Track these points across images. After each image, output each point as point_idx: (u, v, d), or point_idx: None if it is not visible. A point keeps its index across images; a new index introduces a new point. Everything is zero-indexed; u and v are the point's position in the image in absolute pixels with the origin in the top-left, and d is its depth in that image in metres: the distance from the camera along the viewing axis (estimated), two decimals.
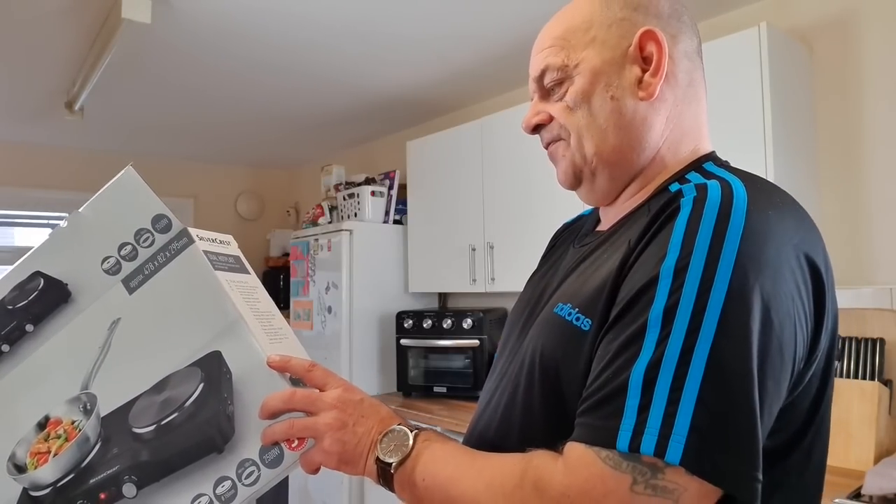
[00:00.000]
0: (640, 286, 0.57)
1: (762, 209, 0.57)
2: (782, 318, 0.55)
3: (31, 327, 0.73)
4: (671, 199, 0.60)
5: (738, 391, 0.52)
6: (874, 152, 1.89)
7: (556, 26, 0.74)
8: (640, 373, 0.53)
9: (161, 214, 0.74)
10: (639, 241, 0.61)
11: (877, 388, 1.66)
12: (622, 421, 0.52)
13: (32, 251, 0.76)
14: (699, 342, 0.52)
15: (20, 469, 0.70)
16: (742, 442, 0.51)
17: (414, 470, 0.64)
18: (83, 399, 0.71)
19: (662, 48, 0.69)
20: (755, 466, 0.51)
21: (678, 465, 0.50)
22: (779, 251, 0.56)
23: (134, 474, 0.68)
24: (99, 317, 0.73)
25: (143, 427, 0.68)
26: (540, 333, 0.69)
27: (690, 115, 0.73)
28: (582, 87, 0.70)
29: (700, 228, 0.55)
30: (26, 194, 3.94)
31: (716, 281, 0.53)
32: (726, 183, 0.59)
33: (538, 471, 0.56)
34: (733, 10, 2.20)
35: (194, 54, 2.51)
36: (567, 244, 0.85)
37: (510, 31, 2.36)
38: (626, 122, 0.69)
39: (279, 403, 0.66)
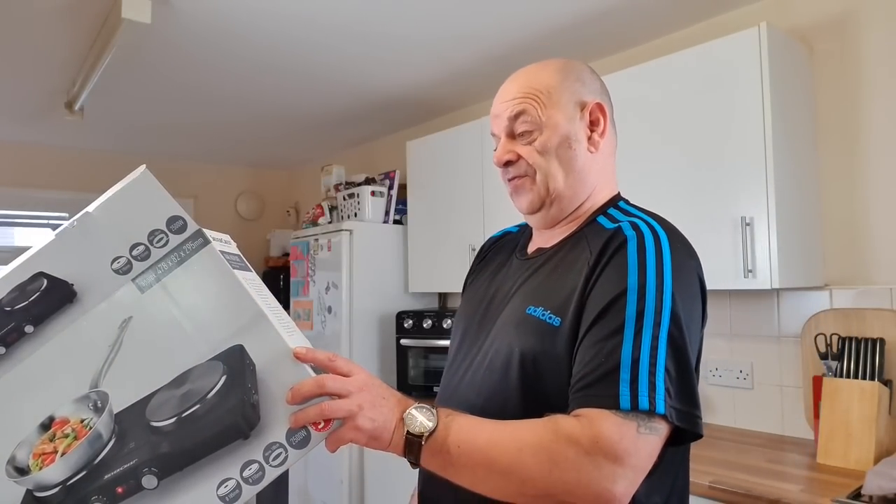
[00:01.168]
0: (612, 296, 0.81)
1: (675, 244, 0.85)
2: (695, 314, 0.84)
3: (30, 328, 0.73)
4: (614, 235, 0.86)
5: (685, 362, 0.79)
6: (874, 152, 1.89)
7: (523, 84, 0.96)
8: (628, 355, 0.77)
9: (177, 216, 0.75)
10: (596, 264, 0.85)
11: (877, 388, 1.66)
12: (619, 389, 0.75)
13: (35, 251, 0.75)
14: (661, 332, 0.78)
15: (22, 471, 0.69)
16: (692, 396, 0.79)
17: (447, 439, 0.75)
18: (93, 397, 0.71)
19: (607, 116, 0.97)
20: (699, 409, 0.79)
21: (663, 414, 0.75)
22: (690, 272, 0.85)
23: (154, 466, 0.68)
24: (108, 316, 0.73)
25: (162, 420, 0.69)
26: (516, 331, 0.89)
27: (611, 165, 1.00)
28: (549, 138, 0.93)
29: (647, 257, 0.82)
30: (26, 194, 3.94)
31: (664, 292, 0.80)
32: (650, 225, 0.86)
33: (566, 427, 0.75)
34: (733, 10, 2.20)
35: (194, 54, 2.51)
36: (505, 254, 1.08)
37: (510, 32, 2.36)
38: (579, 167, 0.95)
39: (313, 387, 0.72)
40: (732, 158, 1.86)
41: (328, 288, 3.19)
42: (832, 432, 1.70)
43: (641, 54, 2.45)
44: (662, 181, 1.99)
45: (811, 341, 1.88)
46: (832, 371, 1.78)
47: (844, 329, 1.83)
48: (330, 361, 0.76)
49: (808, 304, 1.98)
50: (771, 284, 1.77)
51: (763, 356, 2.10)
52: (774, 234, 1.77)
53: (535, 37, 2.40)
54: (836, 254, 1.96)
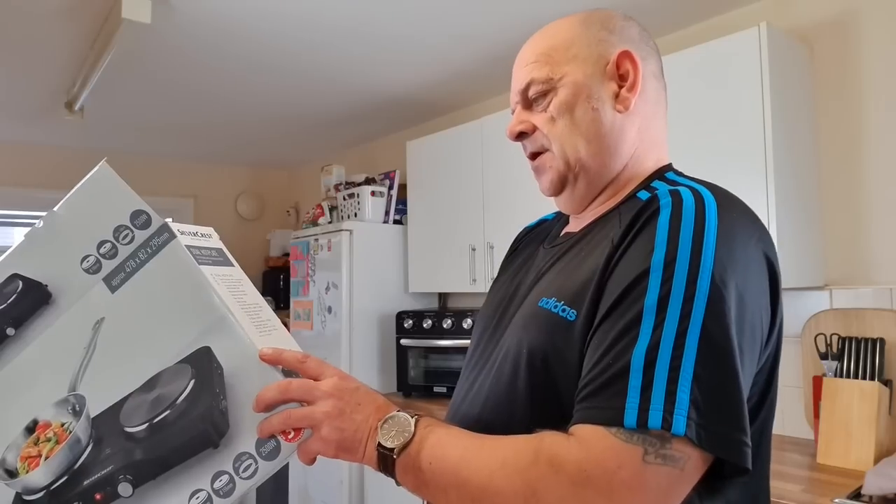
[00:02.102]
0: (633, 277, 0.63)
1: (728, 211, 0.65)
2: (753, 304, 0.63)
3: (12, 331, 0.72)
4: (648, 203, 0.67)
5: (726, 368, 0.59)
6: (874, 152, 1.89)
7: (538, 43, 0.80)
8: (641, 355, 0.59)
9: (140, 210, 0.72)
10: (622, 239, 0.67)
11: (877, 388, 1.66)
12: (627, 400, 0.58)
13: (8, 253, 0.74)
14: (691, 326, 0.59)
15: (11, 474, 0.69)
16: (733, 413, 0.58)
17: (419, 454, 0.65)
18: (71, 401, 0.70)
19: (638, 66, 0.77)
20: (745, 432, 0.58)
21: (683, 436, 0.56)
22: (745, 249, 0.64)
23: (129, 473, 0.67)
24: (82, 317, 0.71)
25: (135, 426, 0.68)
26: (526, 327, 0.73)
27: (656, 129, 0.81)
28: (565, 98, 0.77)
29: (682, 228, 0.63)
30: (26, 194, 3.94)
31: (700, 273, 0.60)
32: (695, 190, 0.67)
33: (552, 448, 0.60)
34: (733, 10, 2.20)
35: (194, 54, 2.51)
36: (534, 246, 0.91)
37: (510, 32, 2.36)
38: (605, 131, 0.77)
39: (275, 394, 0.66)
40: (732, 158, 1.86)
41: (328, 288, 3.19)
42: (832, 432, 1.70)
43: None
44: None
45: (811, 341, 1.88)
46: (832, 371, 1.78)
47: (844, 329, 1.83)
48: (299, 363, 0.69)
49: (808, 304, 1.98)
50: None
51: None
52: (774, 234, 1.77)
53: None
54: (836, 254, 1.96)
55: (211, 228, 0.81)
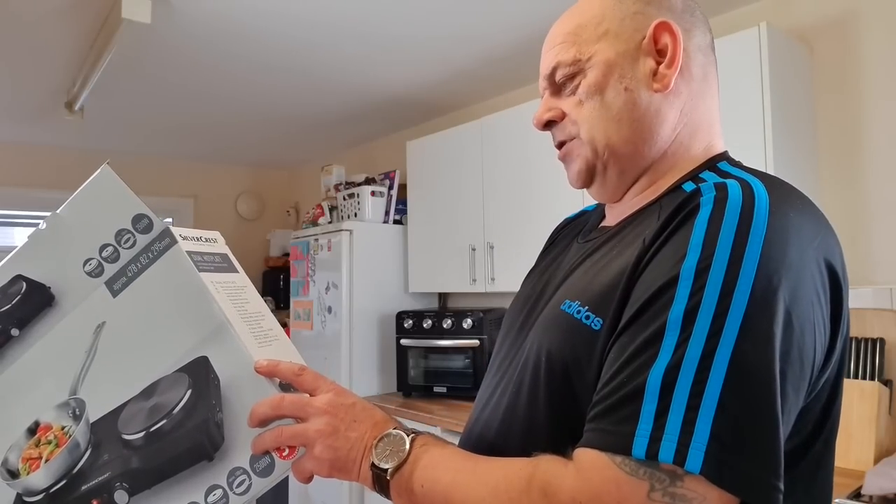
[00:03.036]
0: (658, 286, 0.55)
1: (783, 211, 0.56)
2: (803, 323, 0.54)
3: (16, 332, 0.72)
4: (689, 198, 0.59)
5: (760, 397, 0.50)
6: (874, 152, 1.89)
7: (566, 23, 0.72)
8: (658, 376, 0.51)
9: (141, 214, 0.71)
10: (654, 239, 0.59)
11: (877, 388, 1.66)
12: (638, 426, 0.51)
13: (12, 254, 0.74)
14: (721, 346, 0.50)
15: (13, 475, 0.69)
16: (764, 450, 0.49)
17: (412, 475, 0.61)
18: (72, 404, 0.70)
19: (677, 40, 0.67)
20: (777, 476, 0.49)
21: (698, 474, 0.48)
22: (801, 255, 0.54)
23: (125, 481, 0.67)
24: (84, 320, 0.71)
25: (132, 434, 0.67)
26: (546, 332, 0.67)
27: (704, 110, 0.71)
28: (595, 79, 0.68)
29: (722, 229, 0.54)
30: (26, 194, 3.94)
31: (739, 283, 0.52)
32: (746, 183, 0.58)
33: (546, 475, 0.54)
34: (733, 10, 2.20)
35: (194, 54, 2.51)
36: (569, 239, 0.83)
37: (510, 32, 2.36)
38: (640, 113, 0.68)
39: (268, 410, 0.64)
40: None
41: (328, 288, 3.19)
42: None
43: None
44: None
45: None
46: None
47: None
48: (296, 376, 0.66)
49: None
50: None
51: None
52: None
53: (535, 37, 2.40)
54: None
55: (217, 233, 0.80)
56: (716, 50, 0.74)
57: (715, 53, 0.74)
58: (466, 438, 0.76)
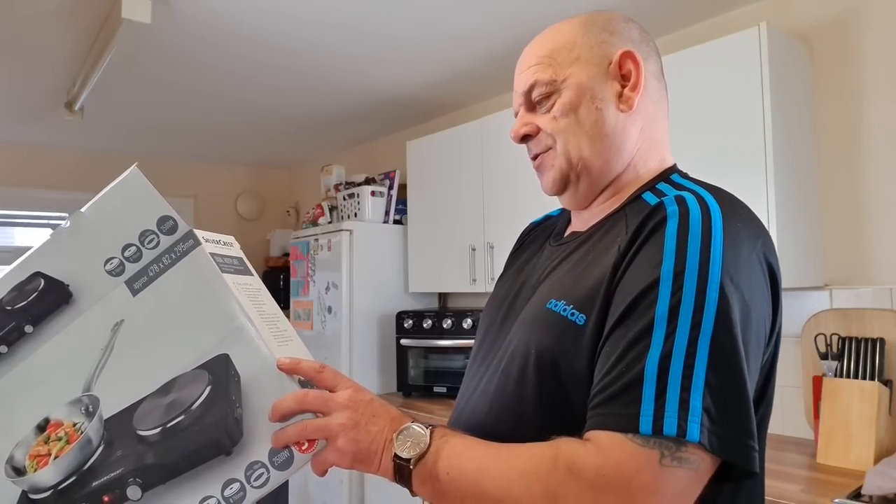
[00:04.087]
0: (642, 287, 0.64)
1: (732, 220, 0.67)
2: (757, 311, 0.66)
3: (30, 328, 0.73)
4: (654, 210, 0.69)
5: (735, 375, 0.61)
6: (874, 152, 1.89)
7: (541, 46, 0.82)
8: (654, 364, 0.60)
9: (167, 216, 0.73)
10: (629, 247, 0.69)
11: (877, 388, 1.66)
12: (641, 407, 0.60)
13: (33, 251, 0.75)
14: (701, 336, 0.61)
15: (19, 471, 0.69)
16: (742, 419, 0.60)
17: (436, 464, 0.66)
18: (85, 401, 0.70)
19: (640, 67, 0.78)
20: (753, 438, 0.60)
21: (697, 443, 0.58)
22: (749, 256, 0.66)
23: (139, 477, 0.67)
24: (101, 318, 0.72)
25: (148, 430, 0.68)
26: (533, 327, 0.74)
27: (658, 128, 0.82)
28: (570, 99, 0.78)
29: (689, 238, 0.65)
30: (26, 194, 3.94)
31: (709, 282, 0.62)
32: (701, 198, 0.69)
33: (569, 455, 0.61)
34: (733, 10, 2.20)
35: (194, 54, 2.51)
36: (539, 242, 0.93)
37: (510, 31, 2.36)
38: (609, 130, 0.78)
39: (292, 404, 0.67)
40: (732, 158, 1.86)
41: (328, 288, 3.19)
42: (832, 432, 1.70)
43: None
44: None
45: (811, 341, 1.88)
46: (832, 371, 1.78)
47: (844, 329, 1.83)
48: (317, 373, 0.70)
49: (808, 304, 1.98)
50: None
51: None
52: (774, 233, 1.77)
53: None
54: (836, 254, 1.96)
55: (232, 237, 0.82)
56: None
57: (665, 79, 0.85)
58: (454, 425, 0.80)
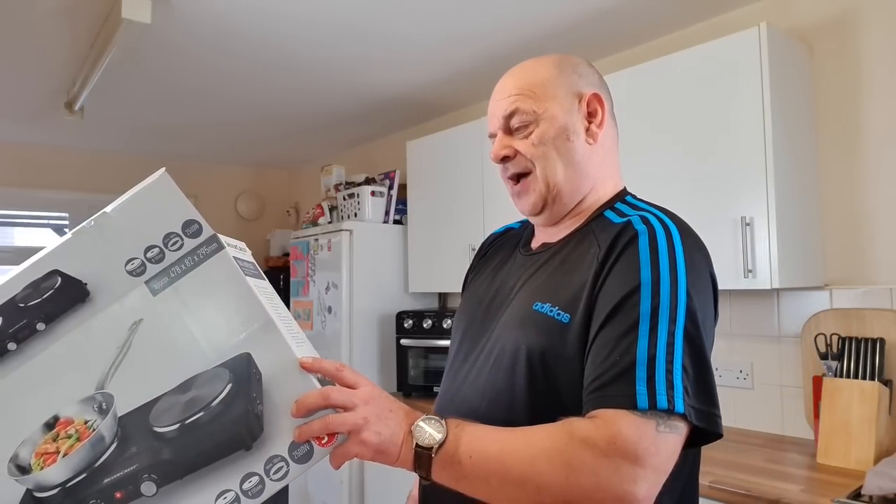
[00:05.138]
0: (625, 292, 0.78)
1: (687, 238, 0.83)
2: (709, 310, 0.82)
3: (42, 326, 0.73)
4: (624, 229, 0.84)
5: (703, 360, 0.77)
6: (874, 152, 1.89)
7: (520, 79, 0.94)
8: (644, 352, 0.74)
9: (192, 220, 0.75)
10: (606, 258, 0.83)
11: (877, 388, 1.66)
12: (636, 388, 0.73)
13: (52, 249, 0.75)
14: (677, 329, 0.76)
15: (23, 470, 0.69)
16: (710, 394, 0.76)
17: (457, 450, 0.73)
18: (98, 399, 0.70)
19: (605, 106, 0.95)
20: (718, 408, 0.77)
21: (681, 413, 0.72)
22: (701, 267, 0.82)
23: (153, 473, 0.68)
24: (119, 317, 0.73)
25: (165, 426, 0.69)
26: (521, 327, 0.86)
27: (613, 157, 0.98)
28: (546, 130, 0.91)
29: (658, 252, 0.80)
30: (26, 194, 3.94)
31: (678, 288, 0.78)
32: (660, 219, 0.84)
33: (581, 430, 0.72)
34: (733, 10, 2.20)
35: (194, 54, 2.51)
36: (507, 251, 1.05)
37: (510, 32, 2.36)
38: (579, 158, 0.93)
39: (318, 400, 0.70)
40: (732, 158, 1.86)
41: (328, 288, 3.19)
42: (832, 432, 1.70)
43: (641, 54, 2.45)
44: (663, 181, 1.99)
45: (811, 341, 1.88)
46: (832, 371, 1.78)
47: (844, 329, 1.83)
48: (337, 371, 0.75)
49: (808, 304, 1.98)
50: (771, 284, 1.77)
51: (763, 356, 2.09)
52: (774, 233, 1.77)
53: (535, 37, 2.40)
54: (836, 254, 1.96)
55: (243, 243, 0.84)
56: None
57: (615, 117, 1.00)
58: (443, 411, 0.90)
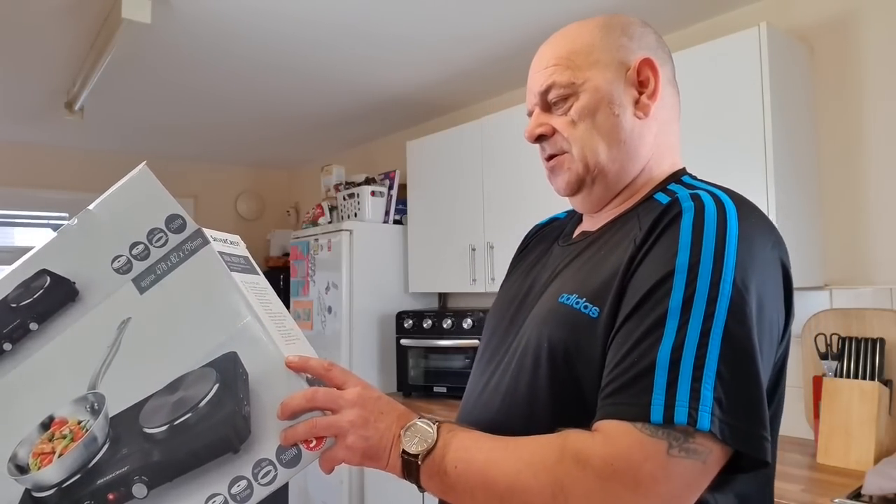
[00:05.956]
0: (657, 278, 0.64)
1: (748, 220, 0.67)
2: (770, 306, 0.66)
3: (35, 326, 0.72)
4: (670, 206, 0.69)
5: (747, 366, 0.61)
6: (874, 152, 1.89)
7: (559, 47, 0.81)
8: (666, 354, 0.61)
9: (176, 214, 0.73)
10: (645, 239, 0.69)
11: (877, 388, 1.66)
12: (653, 397, 0.59)
13: (39, 248, 0.75)
14: (714, 327, 0.61)
15: (22, 470, 0.69)
16: (753, 409, 0.60)
17: (444, 458, 0.66)
18: (90, 399, 0.70)
19: (658, 74, 0.79)
20: (765, 428, 0.60)
21: (707, 432, 0.58)
22: (763, 253, 0.67)
23: (144, 474, 0.67)
24: (108, 316, 0.72)
25: (154, 427, 0.68)
26: (545, 322, 0.74)
27: (671, 134, 0.83)
28: (587, 103, 0.78)
29: (704, 232, 0.65)
30: (26, 194, 3.94)
31: (723, 275, 0.62)
32: (715, 195, 0.69)
33: (576, 445, 0.61)
34: (733, 10, 2.20)
35: (194, 54, 2.51)
36: (547, 243, 0.92)
37: (510, 32, 2.36)
38: (625, 136, 0.78)
39: (302, 402, 0.67)
40: (732, 158, 1.86)
41: (328, 288, 3.19)
42: (832, 432, 1.70)
43: None
44: None
45: (811, 341, 1.88)
46: (832, 371, 1.78)
47: (844, 329, 1.83)
48: (325, 371, 0.70)
49: (808, 304, 1.98)
50: None
51: None
52: None
53: (535, 37, 2.40)
54: (836, 254, 1.96)
55: (237, 237, 0.82)
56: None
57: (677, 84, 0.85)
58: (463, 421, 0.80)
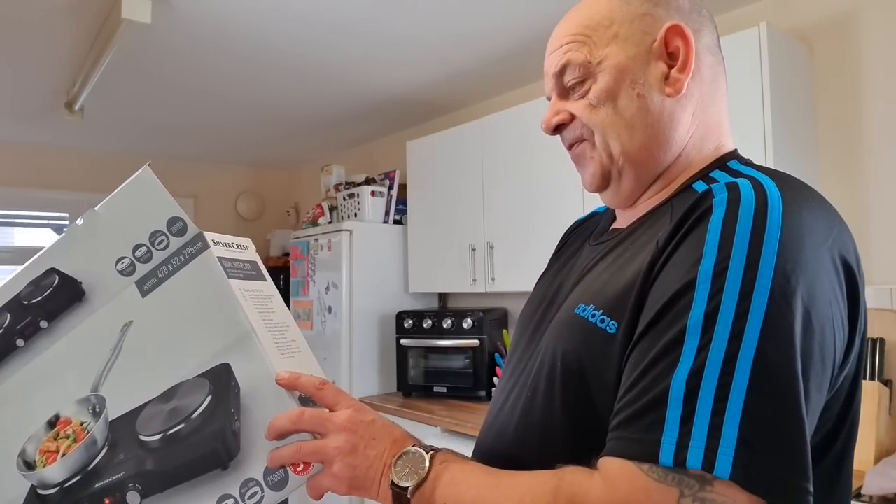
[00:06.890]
0: (675, 290, 0.54)
1: (796, 210, 0.55)
2: (822, 321, 0.53)
3: (45, 324, 0.73)
4: (700, 199, 0.58)
5: (785, 399, 0.49)
6: (874, 152, 1.89)
7: (573, 22, 0.70)
8: (682, 382, 0.50)
9: (176, 217, 0.72)
10: (668, 241, 0.58)
11: (877, 388, 1.66)
12: (663, 434, 0.50)
13: (49, 247, 0.75)
14: (742, 348, 0.50)
15: (30, 466, 0.70)
16: (791, 452, 0.49)
17: (434, 493, 0.60)
18: (92, 401, 0.70)
19: (689, 43, 0.66)
20: (806, 477, 0.49)
21: (728, 479, 0.47)
22: (816, 253, 0.54)
23: (138, 483, 0.67)
24: (112, 318, 0.72)
25: (149, 435, 0.67)
26: (560, 335, 0.66)
27: (714, 112, 0.70)
28: (606, 85, 0.67)
29: (737, 231, 0.53)
30: (26, 194, 3.94)
31: (757, 285, 0.51)
32: (758, 182, 0.57)
33: (572, 486, 0.54)
34: (733, 10, 2.20)
35: (194, 54, 2.51)
36: (580, 241, 0.82)
37: (510, 31, 2.36)
38: (653, 119, 0.67)
39: (287, 424, 0.63)
40: None
41: (328, 288, 3.19)
42: None
43: None
44: None
45: None
46: None
47: None
48: (317, 390, 0.65)
49: None
50: None
51: None
52: None
53: (535, 37, 2.40)
54: None
55: (248, 240, 0.80)
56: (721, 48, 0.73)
57: (722, 51, 0.72)
58: (481, 443, 0.75)
